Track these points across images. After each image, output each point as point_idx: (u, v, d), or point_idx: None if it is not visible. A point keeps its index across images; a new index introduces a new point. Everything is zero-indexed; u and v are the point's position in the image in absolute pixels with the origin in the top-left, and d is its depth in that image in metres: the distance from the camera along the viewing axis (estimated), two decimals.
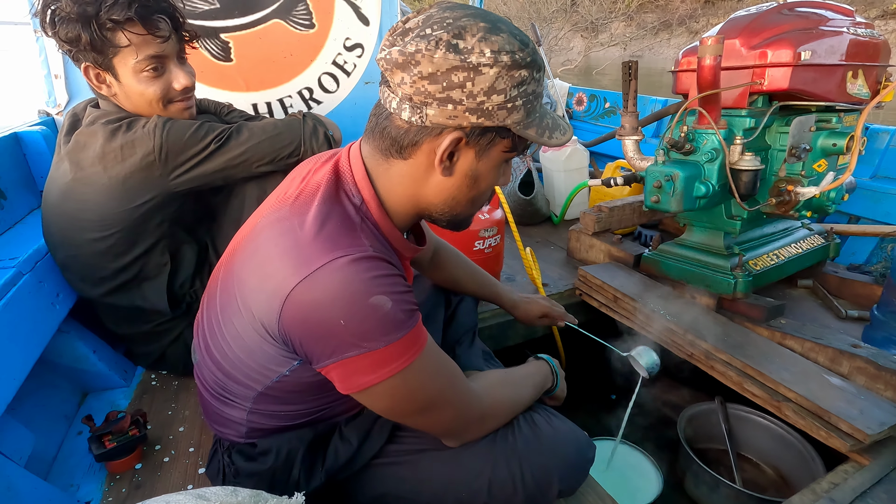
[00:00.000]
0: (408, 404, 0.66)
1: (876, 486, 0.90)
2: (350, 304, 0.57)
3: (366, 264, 0.59)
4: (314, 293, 0.57)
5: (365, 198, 0.67)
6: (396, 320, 0.59)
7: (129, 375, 1.22)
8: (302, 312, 0.58)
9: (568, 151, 2.19)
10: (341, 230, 0.61)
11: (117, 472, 0.95)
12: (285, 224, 0.63)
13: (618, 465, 1.36)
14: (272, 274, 0.60)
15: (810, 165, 1.32)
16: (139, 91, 1.05)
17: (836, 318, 1.41)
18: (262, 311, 0.61)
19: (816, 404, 1.02)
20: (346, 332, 0.57)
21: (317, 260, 0.58)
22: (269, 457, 0.74)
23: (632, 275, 1.57)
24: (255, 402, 0.72)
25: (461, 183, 0.66)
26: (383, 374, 0.60)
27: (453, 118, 0.60)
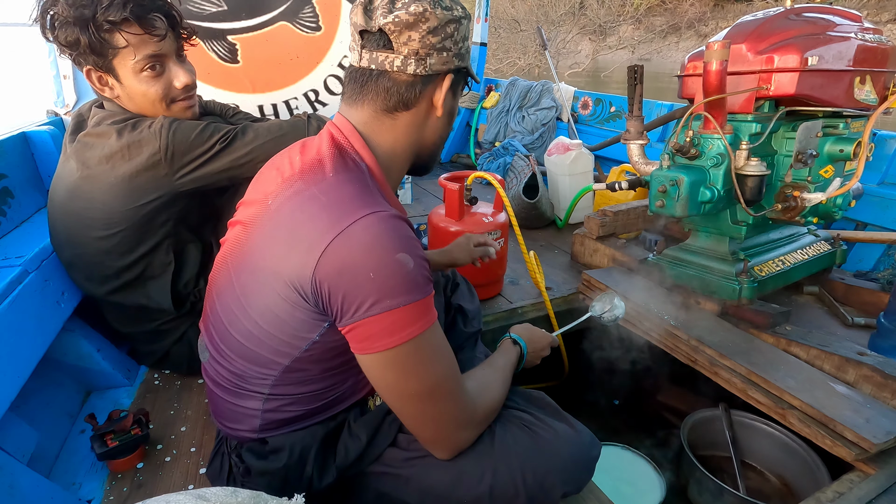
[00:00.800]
0: (412, 380, 0.67)
1: (882, 495, 0.89)
2: (381, 257, 0.61)
3: (393, 223, 0.63)
4: (349, 246, 0.61)
5: (368, 163, 0.73)
6: (416, 281, 0.63)
7: (133, 374, 1.23)
8: (337, 264, 0.61)
9: (573, 155, 2.19)
10: (364, 191, 0.66)
11: (119, 471, 0.95)
12: (305, 194, 0.67)
13: (621, 470, 1.35)
14: (306, 235, 0.64)
15: (817, 171, 1.31)
16: (141, 91, 1.06)
17: (842, 326, 1.40)
18: (296, 271, 0.64)
19: (822, 412, 1.01)
20: (373, 285, 0.61)
21: (350, 216, 0.62)
22: (282, 454, 0.74)
23: (636, 280, 1.56)
24: (274, 386, 0.73)
25: (445, 121, 0.78)
26: (399, 339, 0.63)
27: (446, 63, 0.72)
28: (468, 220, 1.53)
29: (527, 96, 3.18)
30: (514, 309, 1.58)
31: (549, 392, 0.93)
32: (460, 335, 1.15)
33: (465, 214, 1.53)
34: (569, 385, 1.70)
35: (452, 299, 1.17)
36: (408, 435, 0.77)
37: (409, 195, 2.47)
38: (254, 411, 0.75)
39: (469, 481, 0.73)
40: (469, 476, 0.73)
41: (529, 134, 3.08)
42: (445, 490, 0.74)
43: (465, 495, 0.73)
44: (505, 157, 2.80)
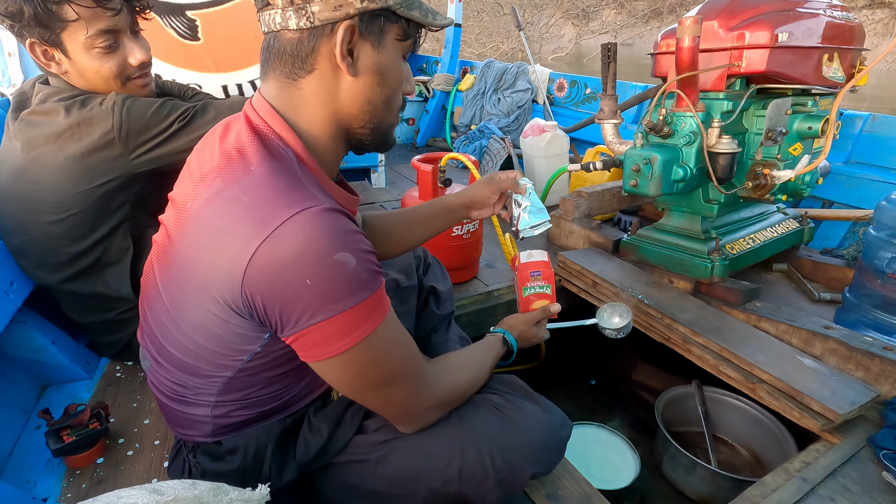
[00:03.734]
0: (372, 374, 0.63)
1: (846, 464, 0.91)
2: (316, 261, 0.54)
3: (327, 217, 0.56)
4: (278, 252, 0.53)
5: (294, 149, 0.63)
6: (361, 279, 0.57)
7: (93, 367, 1.17)
8: (267, 276, 0.54)
9: (548, 137, 2.17)
10: (292, 184, 0.58)
11: (77, 466, 0.91)
12: (225, 195, 0.58)
13: (595, 448, 1.36)
14: (228, 244, 0.56)
15: (786, 149, 1.32)
16: (94, 68, 0.99)
17: (809, 302, 1.43)
18: (223, 286, 0.57)
19: (790, 385, 1.03)
20: (312, 293, 0.55)
21: (276, 217, 0.54)
22: (236, 455, 0.71)
23: (611, 260, 1.57)
24: (220, 395, 0.68)
25: (370, 81, 0.64)
26: (350, 341, 0.58)
27: (338, 8, 0.59)
28: None
29: (502, 78, 3.15)
30: (490, 292, 1.56)
31: (525, 374, 0.93)
32: (433, 317, 1.13)
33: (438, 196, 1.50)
34: (545, 367, 1.71)
35: (425, 280, 1.15)
36: (373, 420, 0.75)
37: (383, 179, 2.42)
38: (203, 418, 0.71)
39: (437, 464, 0.72)
40: (437, 459, 0.72)
41: (505, 116, 3.05)
42: (413, 474, 0.72)
43: (433, 478, 0.72)
44: (481, 139, 2.77)
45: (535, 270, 1.00)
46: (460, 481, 0.72)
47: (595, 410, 1.74)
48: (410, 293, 1.11)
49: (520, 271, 1.01)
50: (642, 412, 1.70)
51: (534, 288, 1.00)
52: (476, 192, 0.97)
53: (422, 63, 4.05)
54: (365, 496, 0.75)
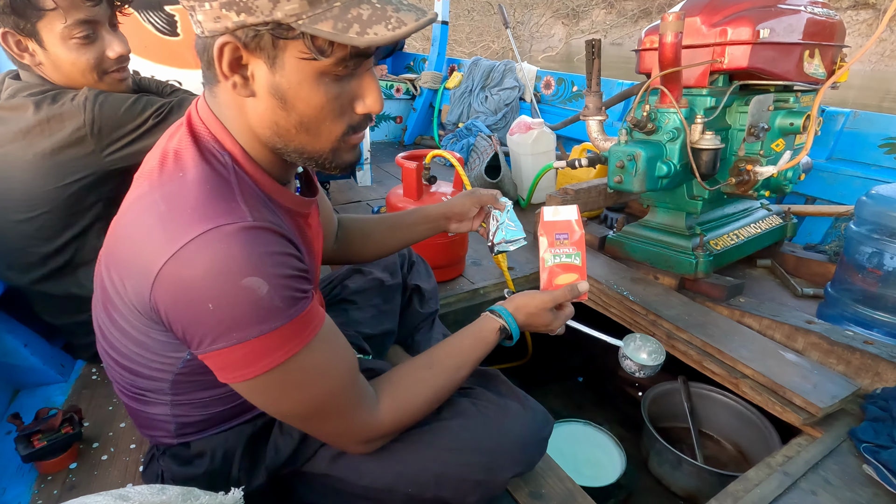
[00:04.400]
0: (285, 405, 0.60)
1: (827, 457, 0.92)
2: (220, 285, 0.50)
3: (243, 237, 0.51)
4: (183, 271, 0.50)
5: (232, 152, 0.58)
6: (272, 308, 0.52)
7: (67, 370, 1.14)
8: (172, 293, 0.51)
9: (535, 134, 2.17)
10: (215, 196, 0.53)
11: (49, 472, 0.88)
12: (146, 200, 0.55)
13: (582, 446, 1.36)
14: (141, 254, 0.53)
15: (768, 145, 1.33)
16: (70, 60, 0.96)
17: (792, 297, 1.44)
18: (136, 295, 0.55)
19: (772, 380, 1.03)
20: (213, 318, 0.51)
21: (186, 233, 0.50)
22: (203, 459, 0.69)
23: (597, 257, 1.57)
24: (174, 394, 0.66)
25: (271, 104, 0.55)
26: (258, 369, 0.54)
27: (217, 20, 0.50)
28: (427, 199, 1.49)
29: (489, 76, 3.14)
30: (477, 290, 1.55)
31: (514, 371, 0.90)
32: (416, 316, 1.11)
33: (423, 194, 1.49)
34: (533, 364, 1.70)
35: (409, 279, 1.14)
36: None
37: (369, 177, 2.40)
38: (164, 417, 0.68)
39: (412, 471, 0.70)
40: (412, 466, 0.70)
41: (492, 114, 3.04)
42: (388, 483, 0.70)
43: (409, 484, 0.70)
44: (468, 137, 2.76)
45: (562, 233, 0.79)
46: (437, 486, 0.70)
47: (583, 407, 1.74)
48: (394, 292, 1.10)
49: (542, 231, 0.80)
50: (629, 408, 1.70)
51: (559, 256, 0.80)
52: (456, 204, 0.95)
53: (409, 61, 4.03)
54: (342, 499, 0.74)
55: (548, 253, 0.80)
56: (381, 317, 1.06)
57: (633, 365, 0.84)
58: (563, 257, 0.80)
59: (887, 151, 1.77)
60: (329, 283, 1.09)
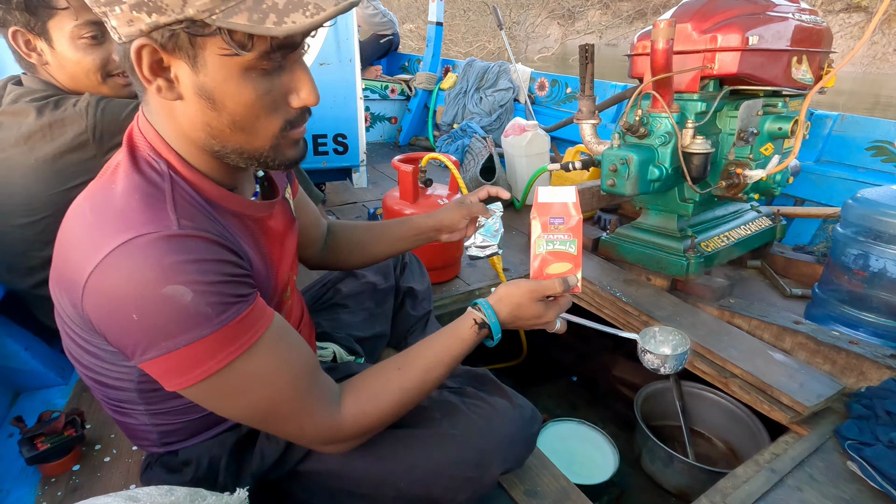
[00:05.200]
0: (233, 410, 0.59)
1: (813, 454, 0.95)
2: (140, 295, 0.49)
3: (165, 246, 0.50)
4: (105, 282, 0.50)
5: (168, 159, 0.57)
6: (198, 315, 0.50)
7: (67, 373, 1.15)
8: (98, 306, 0.51)
9: (529, 136, 2.19)
10: (140, 205, 0.52)
11: (52, 474, 0.89)
12: (76, 211, 0.55)
13: (576, 444, 1.38)
14: (68, 266, 0.53)
15: (758, 149, 1.36)
16: (75, 60, 0.97)
17: (781, 297, 1.47)
18: (73, 309, 0.55)
19: (760, 379, 1.06)
20: (139, 329, 0.50)
21: (107, 244, 0.49)
22: (189, 468, 0.69)
23: (590, 258, 1.59)
24: (147, 403, 0.64)
25: (199, 105, 0.53)
26: (195, 377, 0.53)
27: (131, 23, 0.48)
28: (423, 202, 1.51)
29: (484, 77, 3.16)
30: (472, 291, 1.57)
31: (508, 371, 0.91)
32: (409, 319, 1.13)
33: (419, 197, 1.51)
34: (527, 363, 1.73)
35: (402, 281, 1.15)
36: None
37: (365, 179, 2.42)
38: (145, 427, 0.67)
39: (402, 469, 0.71)
40: (401, 464, 0.71)
41: (487, 115, 3.07)
42: (378, 480, 0.72)
43: (399, 481, 0.72)
44: (463, 138, 2.78)
45: (558, 217, 0.71)
46: (428, 483, 0.72)
47: (576, 406, 1.76)
48: (387, 295, 1.11)
49: (535, 213, 0.72)
50: (622, 407, 1.73)
51: (553, 242, 0.71)
52: (446, 216, 0.92)
53: (404, 61, 4.04)
54: (332, 497, 0.75)
55: (540, 238, 0.71)
56: (373, 320, 1.07)
57: (655, 359, 0.77)
58: (556, 244, 0.71)
59: (874, 154, 1.81)
60: (322, 286, 1.10)
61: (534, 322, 0.71)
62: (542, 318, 0.71)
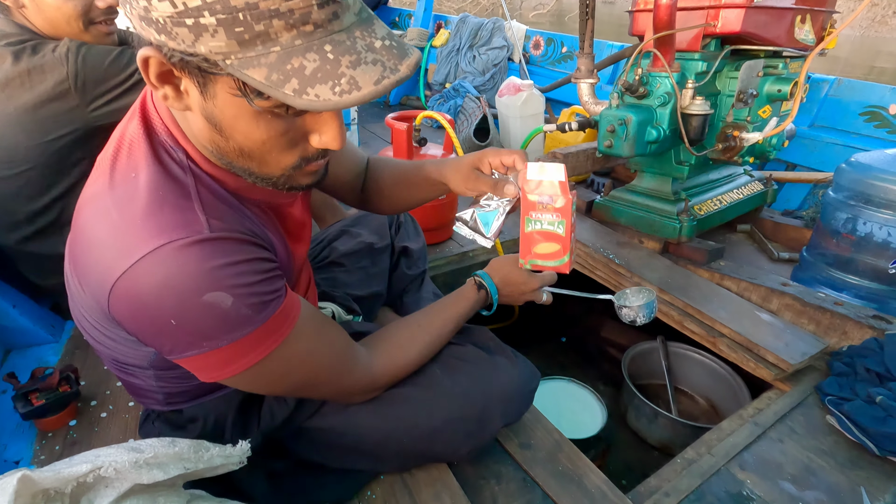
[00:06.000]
0: (275, 387, 0.62)
1: (795, 409, 0.99)
2: (179, 303, 0.48)
3: (199, 252, 0.48)
4: (136, 289, 0.48)
5: (186, 149, 0.53)
6: (240, 317, 0.50)
7: (58, 330, 1.14)
8: (129, 308, 0.49)
9: (524, 96, 2.15)
10: (168, 204, 0.49)
11: (49, 429, 0.90)
12: (99, 204, 0.51)
13: (565, 401, 1.42)
14: (94, 263, 0.50)
15: (756, 111, 1.35)
16: (55, 5, 0.92)
17: (769, 260, 1.49)
18: (96, 304, 0.53)
19: (748, 339, 1.09)
20: (179, 332, 0.49)
21: (138, 248, 0.47)
22: (196, 424, 0.70)
23: (584, 221, 1.59)
24: (156, 369, 0.64)
25: (205, 125, 0.49)
26: (236, 368, 0.54)
27: (143, 27, 0.43)
28: None
29: (478, 34, 3.06)
30: (465, 252, 1.57)
31: (500, 332, 0.93)
32: (404, 278, 1.13)
33: (413, 156, 1.48)
34: (518, 325, 1.75)
35: (397, 240, 1.14)
36: None
37: (356, 138, 2.36)
38: (150, 388, 0.67)
39: (405, 426, 0.73)
40: (405, 422, 0.73)
41: (480, 75, 2.99)
42: (382, 437, 0.74)
43: (402, 436, 0.74)
44: (456, 98, 2.72)
45: (546, 195, 0.68)
46: (430, 439, 0.74)
47: (565, 366, 1.81)
48: (382, 254, 1.11)
49: (523, 192, 0.70)
50: (610, 367, 1.78)
51: (540, 222, 0.70)
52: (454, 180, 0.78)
53: (394, 16, 3.89)
54: (336, 453, 0.76)
55: (528, 217, 0.70)
56: (370, 279, 1.07)
57: (631, 312, 0.82)
58: (544, 224, 0.70)
59: (867, 119, 1.81)
60: (318, 244, 1.09)
61: (522, 289, 0.79)
62: (529, 284, 0.78)
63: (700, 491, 0.82)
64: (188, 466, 0.54)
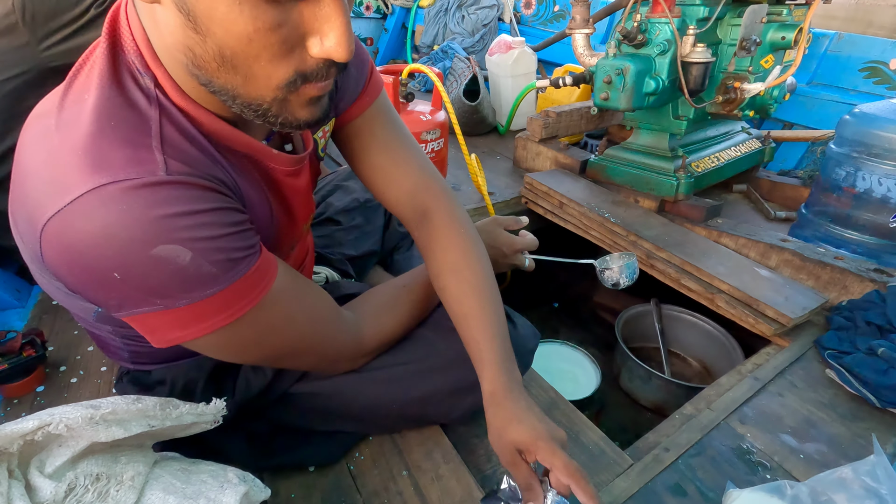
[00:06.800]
0: (246, 356, 0.55)
1: (794, 363, 0.96)
2: (122, 255, 0.40)
3: (149, 196, 0.40)
4: (71, 234, 0.40)
5: (157, 75, 0.44)
6: (202, 276, 0.43)
7: (24, 295, 1.07)
8: (62, 255, 0.41)
9: (516, 54, 2.06)
10: (120, 137, 0.41)
11: (14, 395, 0.84)
12: (44, 122, 0.43)
13: (559, 363, 1.40)
14: (28, 194, 0.42)
15: (758, 61, 1.29)
16: None
17: (765, 220, 1.46)
18: (29, 245, 0.44)
19: (747, 294, 1.06)
20: (125, 286, 0.42)
21: (75, 186, 0.39)
22: (163, 387, 0.65)
23: (578, 181, 1.54)
24: (116, 326, 0.57)
25: (179, 20, 0.38)
26: (196, 332, 0.46)
27: None
28: (405, 118, 1.40)
29: None
30: None
31: None
32: (395, 235, 1.08)
33: (400, 112, 1.41)
34: (510, 290, 1.72)
35: None
36: None
37: None
38: (116, 344, 0.62)
39: (398, 391, 0.69)
40: (397, 386, 0.69)
41: (470, 36, 2.87)
42: (373, 403, 0.69)
43: (393, 402, 0.70)
44: (444, 60, 2.61)
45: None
46: (423, 404, 0.70)
47: (558, 331, 1.79)
48: (375, 212, 1.06)
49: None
50: (603, 331, 1.76)
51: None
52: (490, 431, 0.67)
53: None
54: (321, 417, 0.72)
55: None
56: (364, 237, 1.03)
57: (613, 274, 0.85)
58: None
59: (867, 75, 1.76)
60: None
61: (505, 251, 0.82)
62: (512, 246, 0.82)
63: (700, 444, 0.79)
64: (153, 424, 0.49)
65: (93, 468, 0.46)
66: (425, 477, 0.72)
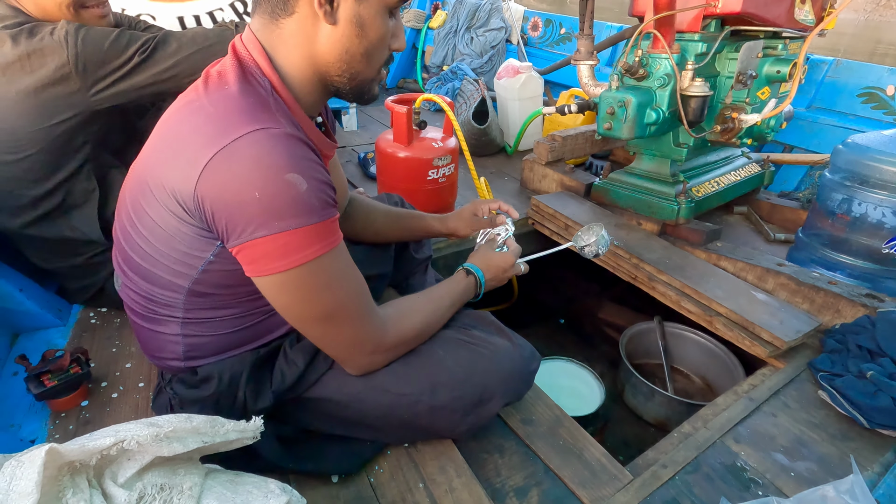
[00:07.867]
0: (309, 304, 0.66)
1: (788, 385, 1.02)
2: (266, 176, 0.56)
3: (286, 141, 0.58)
4: (232, 163, 0.56)
5: (273, 82, 0.65)
6: (310, 204, 0.59)
7: (65, 314, 1.15)
8: (219, 183, 0.57)
9: (523, 78, 2.14)
10: (259, 106, 0.60)
11: (61, 410, 0.91)
12: (195, 105, 0.62)
13: (564, 379, 1.45)
14: (189, 147, 0.59)
15: (754, 93, 1.35)
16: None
17: (765, 241, 1.51)
18: (179, 184, 0.60)
19: (743, 317, 1.11)
20: (259, 206, 0.57)
21: (235, 130, 0.57)
22: (211, 383, 0.73)
23: (583, 203, 1.61)
24: (186, 310, 0.70)
25: (349, 31, 0.64)
26: (290, 263, 0.60)
27: None
28: (417, 145, 1.48)
29: (475, 15, 3.03)
30: None
31: (500, 314, 0.95)
32: (411, 261, 1.15)
33: (413, 139, 1.49)
34: (517, 307, 1.78)
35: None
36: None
37: (355, 121, 2.35)
38: (173, 337, 0.72)
39: (407, 402, 0.76)
40: (406, 398, 0.76)
41: (478, 57, 2.97)
42: (383, 412, 0.76)
43: (403, 413, 0.77)
44: (453, 81, 2.70)
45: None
46: (431, 415, 0.77)
47: (564, 347, 1.84)
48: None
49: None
50: (607, 348, 1.81)
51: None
52: (459, 227, 1.07)
53: None
54: (338, 423, 0.79)
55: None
56: (374, 259, 1.09)
57: (591, 247, 1.01)
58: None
59: (865, 101, 1.82)
60: None
61: (503, 266, 0.91)
62: (506, 260, 0.92)
63: (696, 462, 0.85)
64: (206, 440, 0.56)
65: (157, 479, 0.52)
66: (439, 489, 0.78)
